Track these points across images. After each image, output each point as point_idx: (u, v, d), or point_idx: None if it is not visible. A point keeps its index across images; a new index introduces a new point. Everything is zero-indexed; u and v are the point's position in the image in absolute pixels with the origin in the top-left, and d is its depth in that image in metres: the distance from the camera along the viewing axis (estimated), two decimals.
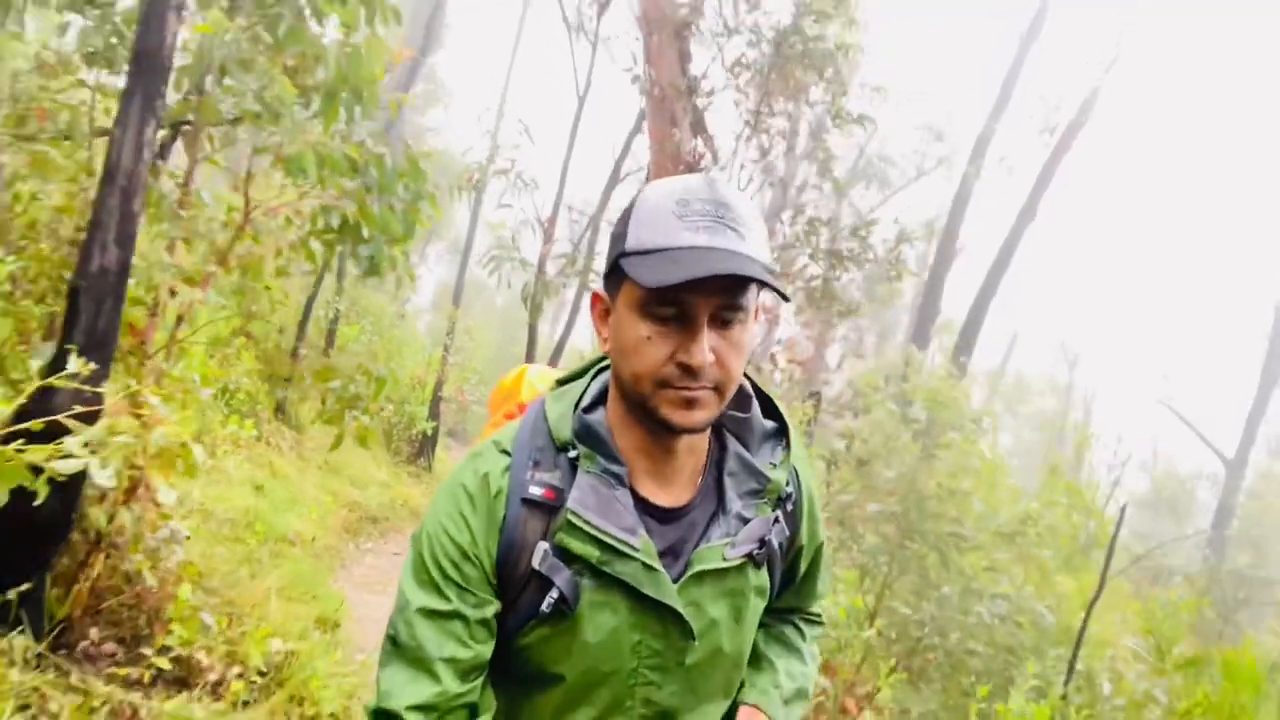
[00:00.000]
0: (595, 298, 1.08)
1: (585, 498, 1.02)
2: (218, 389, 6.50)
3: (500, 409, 1.54)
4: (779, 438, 1.16)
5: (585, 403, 1.11)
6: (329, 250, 3.70)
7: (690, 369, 0.95)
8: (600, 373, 1.16)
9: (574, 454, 1.06)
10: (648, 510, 1.07)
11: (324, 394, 3.64)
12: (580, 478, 1.04)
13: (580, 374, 1.17)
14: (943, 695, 3.95)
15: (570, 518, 1.01)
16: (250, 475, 6.18)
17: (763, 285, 0.94)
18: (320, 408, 3.97)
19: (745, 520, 1.09)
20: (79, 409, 2.69)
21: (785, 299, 0.97)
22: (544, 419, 1.09)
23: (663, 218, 0.96)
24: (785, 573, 1.21)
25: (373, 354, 9.96)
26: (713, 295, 0.95)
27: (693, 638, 1.06)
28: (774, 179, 5.92)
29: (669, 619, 1.05)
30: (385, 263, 3.67)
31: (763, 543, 1.09)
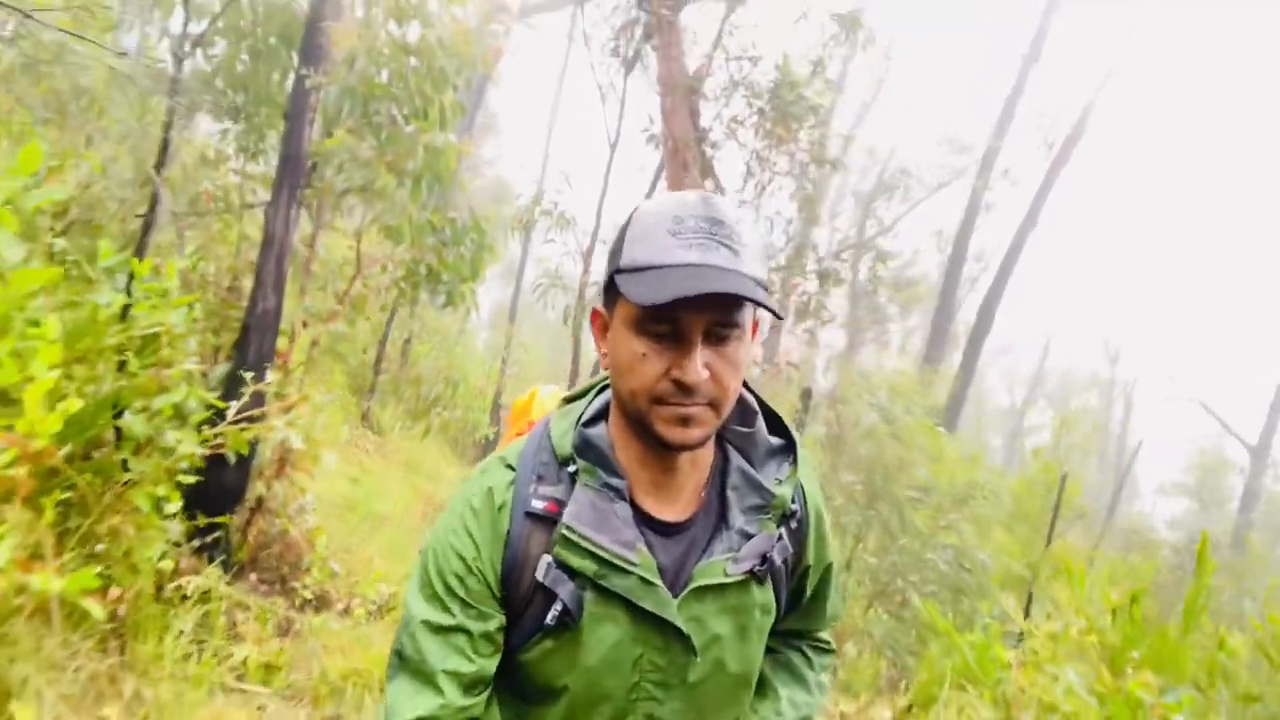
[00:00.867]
0: (595, 314, 1.07)
1: (581, 512, 1.02)
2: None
3: (514, 427, 1.63)
4: (785, 454, 1.14)
5: (587, 417, 1.10)
6: (415, 290, 4.92)
7: (684, 386, 0.94)
8: (603, 389, 1.15)
9: (574, 468, 1.05)
10: (649, 524, 1.05)
11: (414, 397, 4.85)
12: (578, 491, 1.03)
13: (585, 392, 1.17)
14: (899, 625, 4.96)
15: (565, 532, 1.01)
16: (345, 471, 7.48)
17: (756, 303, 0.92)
18: (400, 414, 5.18)
19: (748, 536, 1.07)
20: (255, 411, 3.96)
21: (778, 317, 0.97)
22: (548, 435, 1.09)
23: (657, 235, 0.95)
24: (793, 593, 1.19)
25: (439, 368, 11.33)
26: (706, 312, 0.93)
27: (694, 653, 1.04)
28: (771, 214, 6.99)
29: (670, 634, 1.03)
30: (458, 297, 4.87)
31: (765, 559, 1.07)
